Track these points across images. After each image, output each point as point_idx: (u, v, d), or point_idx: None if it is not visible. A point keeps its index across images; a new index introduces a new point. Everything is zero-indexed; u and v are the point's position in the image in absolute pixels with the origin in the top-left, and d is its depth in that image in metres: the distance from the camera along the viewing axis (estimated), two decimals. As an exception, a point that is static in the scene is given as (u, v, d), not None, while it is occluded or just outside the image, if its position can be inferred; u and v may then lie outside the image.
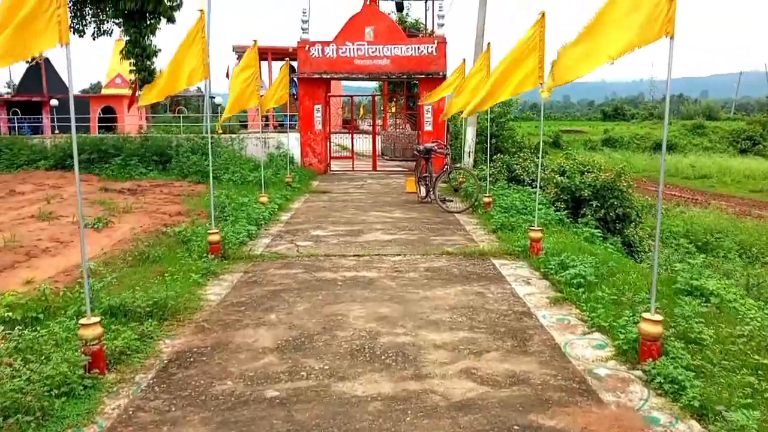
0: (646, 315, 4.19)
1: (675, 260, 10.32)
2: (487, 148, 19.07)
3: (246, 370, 4.15)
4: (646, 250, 10.50)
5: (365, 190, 14.48)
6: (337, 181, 16.68)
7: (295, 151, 18.14)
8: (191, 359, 4.38)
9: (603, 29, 4.11)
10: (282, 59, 20.48)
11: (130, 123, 26.65)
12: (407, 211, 11.24)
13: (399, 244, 8.28)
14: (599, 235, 9.26)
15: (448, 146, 12.63)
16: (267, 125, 27.09)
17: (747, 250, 12.17)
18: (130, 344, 4.45)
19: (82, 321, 4.09)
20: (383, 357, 4.36)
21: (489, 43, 10.19)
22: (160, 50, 22.11)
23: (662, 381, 3.80)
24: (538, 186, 7.49)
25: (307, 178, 16.11)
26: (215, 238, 7.22)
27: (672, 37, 3.89)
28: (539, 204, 10.35)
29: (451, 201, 11.74)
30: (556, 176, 11.06)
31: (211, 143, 16.95)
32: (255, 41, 10.16)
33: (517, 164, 13.32)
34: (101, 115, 28.51)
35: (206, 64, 7.05)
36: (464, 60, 13.42)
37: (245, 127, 25.97)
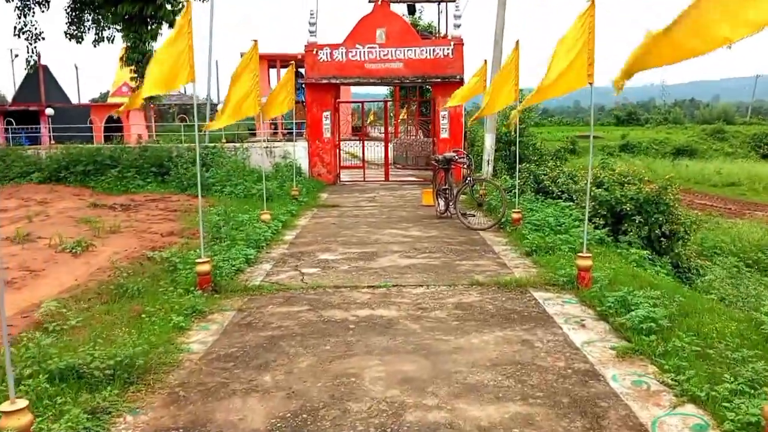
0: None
1: (731, 282, 9.13)
2: (505, 156, 18.03)
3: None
4: (700, 272, 9.30)
5: (378, 203, 13.36)
6: (348, 192, 15.57)
7: (303, 161, 17.07)
8: (153, 453, 3.27)
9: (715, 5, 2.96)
10: (285, 67, 19.46)
11: (137, 133, 25.76)
12: (426, 228, 10.10)
13: (420, 270, 7.14)
14: (648, 257, 8.07)
15: (470, 155, 11.48)
16: (275, 133, 26.13)
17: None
18: (77, 428, 3.34)
19: (4, 407, 3.01)
20: (413, 450, 3.22)
21: (518, 41, 9.08)
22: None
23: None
24: (587, 203, 6.32)
25: (315, 190, 15.02)
26: (204, 268, 6.11)
27: None
28: (575, 221, 9.23)
29: (474, 216, 10.59)
30: (593, 188, 9.86)
31: (214, 153, 16.04)
32: (255, 41, 9.10)
33: (544, 174, 12.16)
34: (107, 125, 27.69)
35: (192, 65, 5.99)
36: (486, 61, 12.33)
37: (254, 134, 24.92)
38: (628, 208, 9.13)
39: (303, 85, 18.39)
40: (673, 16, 3.18)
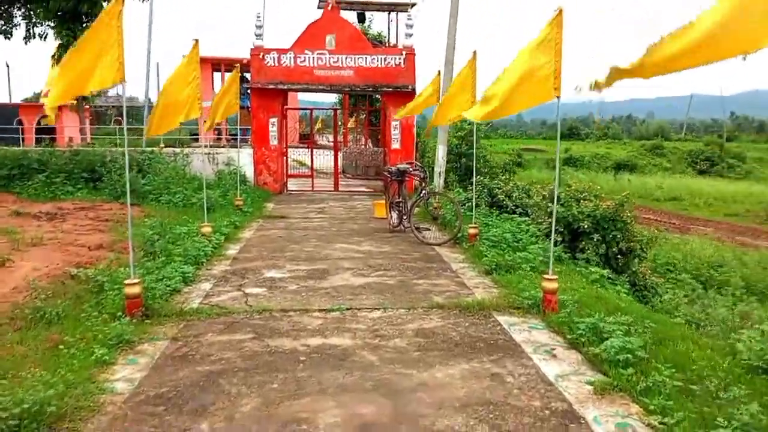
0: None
1: (688, 301, 9.04)
2: (456, 168, 17.79)
3: None
4: (656, 290, 9.17)
5: (328, 215, 12.80)
6: (295, 203, 14.93)
7: (248, 169, 16.32)
8: None
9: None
10: (230, 72, 18.63)
11: (69, 135, 24.23)
12: (379, 242, 9.62)
13: (375, 291, 6.64)
14: (609, 276, 7.84)
15: (424, 167, 11.10)
16: (219, 139, 25.11)
17: (753, 286, 11.05)
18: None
19: None
20: None
21: (475, 51, 8.76)
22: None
23: None
24: (554, 220, 5.97)
25: (261, 199, 14.31)
26: (134, 290, 5.42)
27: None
28: (532, 237, 8.95)
29: (429, 230, 10.19)
30: (549, 204, 9.64)
31: (151, 159, 15.10)
32: (196, 41, 8.44)
33: (498, 187, 11.90)
34: (38, 126, 25.98)
35: (122, 62, 5.32)
36: (439, 72, 12.01)
37: (196, 139, 23.80)
38: (586, 226, 8.93)
39: (248, 90, 17.68)
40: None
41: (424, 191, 10.06)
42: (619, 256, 9.14)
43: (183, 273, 6.79)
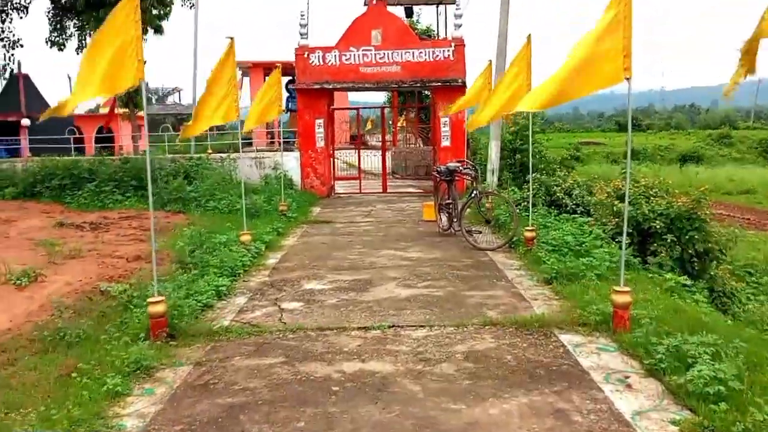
0: None
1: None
2: (510, 165, 16.91)
3: None
4: (736, 296, 8.20)
5: (374, 218, 12.26)
6: (342, 206, 14.47)
7: (294, 173, 15.98)
8: None
9: None
10: (285, 75, 18.30)
11: (120, 144, 24.64)
12: (427, 247, 9.00)
13: (422, 304, 6.03)
14: (686, 284, 6.96)
15: (475, 166, 10.41)
16: (272, 143, 24.97)
17: None
18: None
19: None
20: None
21: (529, 35, 8.02)
22: (145, 62, 20.20)
23: None
24: (626, 221, 5.21)
25: (307, 203, 13.92)
26: (158, 309, 4.99)
27: None
28: (596, 239, 8.13)
29: (481, 233, 9.49)
30: (615, 202, 8.78)
31: (198, 165, 14.96)
32: (231, 38, 8.04)
33: (556, 185, 11.06)
34: (99, 135, 26.52)
35: (141, 59, 4.92)
36: (490, 62, 11.28)
37: (250, 144, 23.63)
38: (658, 226, 8.04)
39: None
40: None
41: (475, 191, 9.37)
42: (695, 259, 8.21)
43: (217, 286, 6.37)
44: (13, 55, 20.14)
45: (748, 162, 39.31)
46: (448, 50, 15.40)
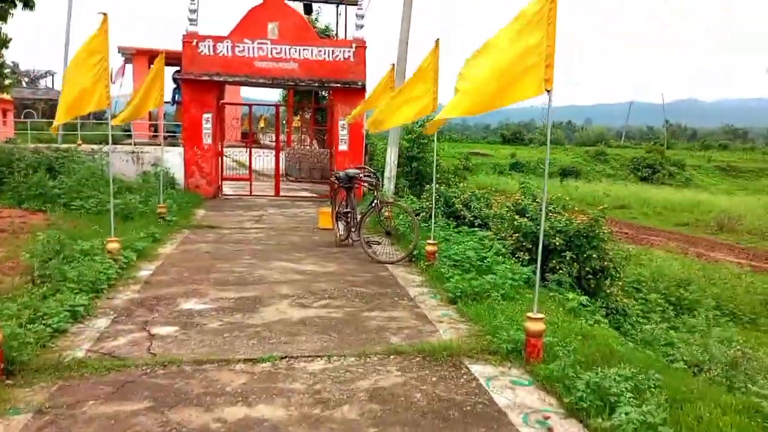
0: None
1: (664, 329, 8.17)
2: (407, 173, 16.65)
3: None
4: (635, 318, 8.27)
5: (266, 225, 11.40)
6: (230, 209, 13.44)
7: (178, 170, 14.70)
8: None
9: None
10: (173, 65, 16.85)
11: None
12: (324, 259, 8.35)
13: (318, 328, 5.37)
14: (586, 304, 6.85)
15: (376, 173, 9.91)
16: (155, 136, 23.10)
17: (724, 307, 10.37)
18: None
19: None
20: None
21: (437, 40, 7.62)
22: (11, 39, 17.89)
23: None
24: (541, 242, 4.87)
25: (190, 205, 12.75)
26: (-13, 342, 3.96)
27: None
28: (497, 255, 7.89)
29: (379, 244, 8.99)
30: (515, 216, 8.61)
31: (65, 157, 13.30)
32: (105, 14, 6.94)
33: (455, 196, 10.83)
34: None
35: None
36: (393, 65, 10.87)
37: (130, 136, 21.62)
38: (557, 243, 7.92)
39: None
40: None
41: (376, 200, 8.85)
42: (590, 277, 8.20)
43: (72, 306, 5.32)
44: None
45: (620, 178, 42.23)
46: (349, 51, 14.85)
